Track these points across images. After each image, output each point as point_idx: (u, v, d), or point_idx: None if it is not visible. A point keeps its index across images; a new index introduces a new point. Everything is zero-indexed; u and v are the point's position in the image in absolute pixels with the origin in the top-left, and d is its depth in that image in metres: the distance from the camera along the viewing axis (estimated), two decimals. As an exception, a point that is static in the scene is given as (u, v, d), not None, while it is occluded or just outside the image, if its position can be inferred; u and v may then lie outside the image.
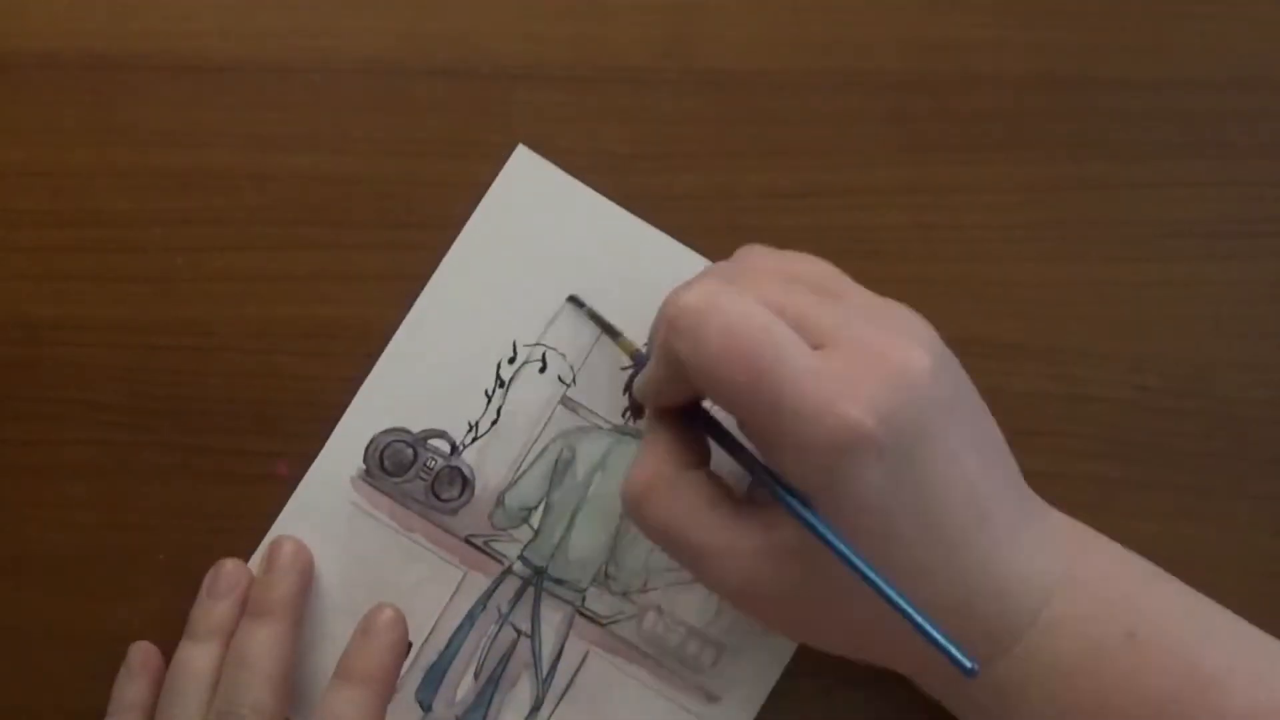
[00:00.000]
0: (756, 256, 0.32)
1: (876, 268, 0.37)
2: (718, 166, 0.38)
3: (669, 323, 0.29)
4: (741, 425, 0.31)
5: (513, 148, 0.38)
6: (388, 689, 0.35)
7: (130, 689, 0.36)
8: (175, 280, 0.38)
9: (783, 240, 0.38)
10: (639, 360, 0.36)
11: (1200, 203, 0.38)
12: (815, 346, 0.28)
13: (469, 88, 0.38)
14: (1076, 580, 0.30)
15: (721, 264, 0.33)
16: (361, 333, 0.38)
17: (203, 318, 0.38)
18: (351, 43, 0.39)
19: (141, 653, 0.36)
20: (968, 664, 0.26)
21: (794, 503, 0.28)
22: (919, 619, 0.27)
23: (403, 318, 0.38)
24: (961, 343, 0.37)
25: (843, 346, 0.28)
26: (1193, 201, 0.38)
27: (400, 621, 0.36)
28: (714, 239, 0.38)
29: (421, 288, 0.38)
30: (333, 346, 0.38)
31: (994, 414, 0.36)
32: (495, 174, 0.38)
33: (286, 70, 0.39)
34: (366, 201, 0.38)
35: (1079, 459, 0.37)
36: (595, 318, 0.37)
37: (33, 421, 0.38)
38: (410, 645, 0.37)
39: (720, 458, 0.32)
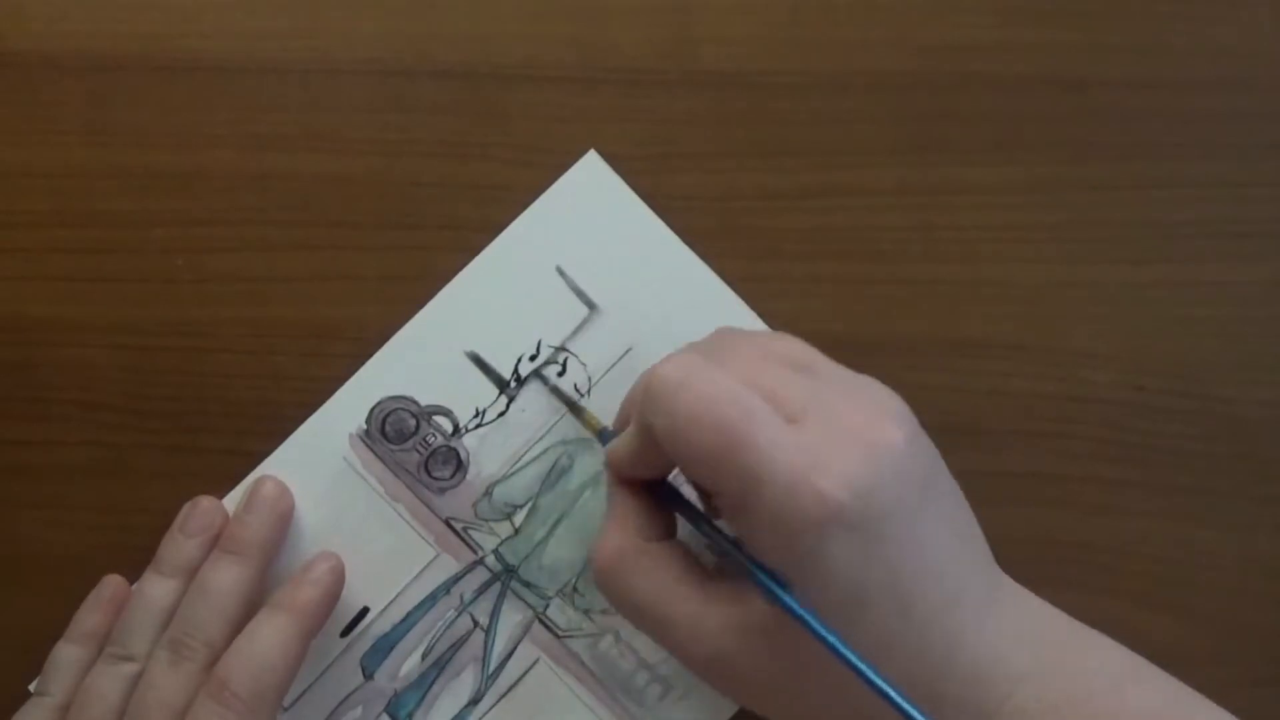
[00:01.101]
0: (732, 334, 0.33)
1: (877, 268, 0.38)
2: (718, 166, 0.38)
3: (646, 393, 0.29)
4: (712, 498, 0.30)
5: (514, 148, 0.38)
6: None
7: (92, 618, 0.36)
8: (175, 280, 0.38)
9: (782, 241, 0.38)
10: (604, 436, 0.36)
11: (1200, 203, 0.38)
12: (790, 421, 0.29)
13: (469, 88, 0.38)
14: (1046, 670, 0.30)
15: (699, 341, 0.33)
16: (361, 333, 0.38)
17: (203, 318, 0.38)
18: (351, 43, 0.39)
19: (112, 586, 0.36)
20: None
21: (767, 580, 0.28)
22: (896, 697, 0.26)
23: (402, 318, 0.38)
24: (962, 343, 0.37)
25: (817, 421, 0.28)
26: (1193, 201, 0.38)
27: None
28: (714, 239, 0.38)
29: (420, 288, 0.38)
30: (333, 346, 0.38)
31: (994, 414, 0.37)
32: (494, 174, 0.38)
33: (286, 70, 0.39)
34: (366, 201, 0.38)
35: (1079, 459, 0.37)
36: (558, 392, 0.37)
37: (32, 421, 0.38)
38: (367, 610, 0.37)
39: (687, 529, 0.32)
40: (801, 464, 0.27)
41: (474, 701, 0.37)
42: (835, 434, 0.28)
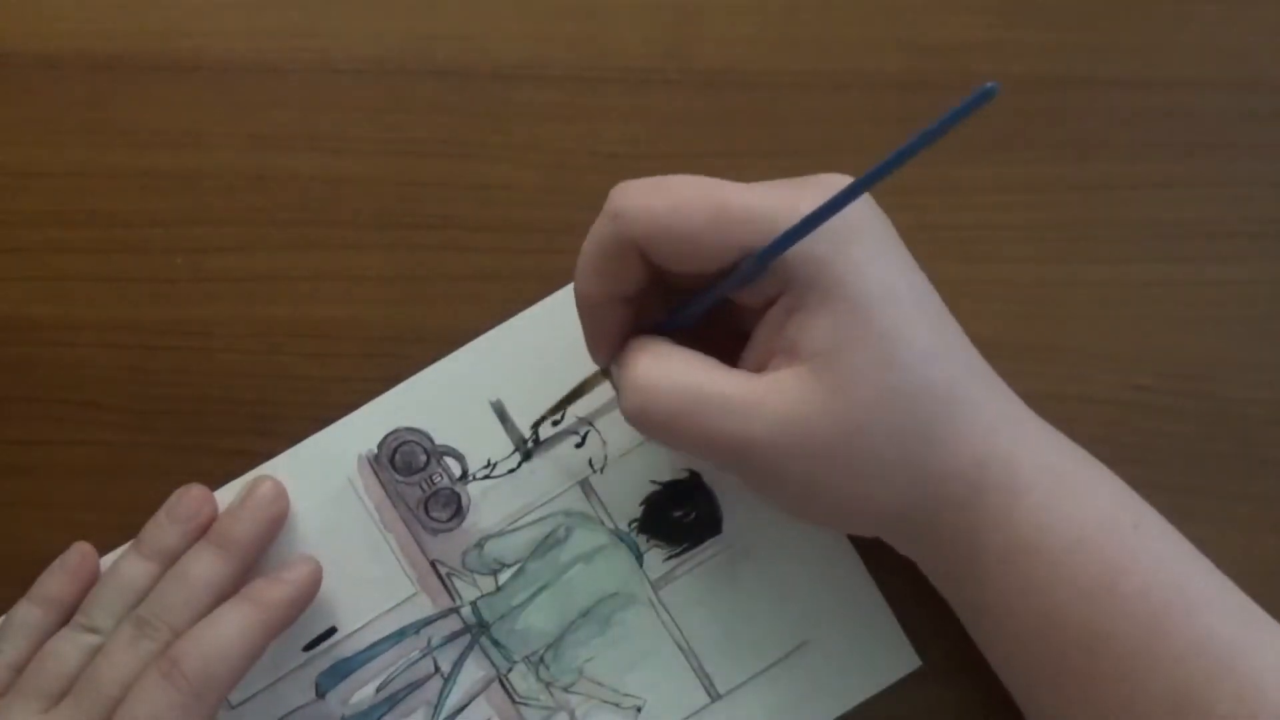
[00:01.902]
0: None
1: (876, 268, 0.37)
2: (718, 166, 0.38)
3: (622, 196, 0.30)
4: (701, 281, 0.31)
5: (514, 147, 0.38)
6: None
7: (55, 583, 0.36)
8: (175, 280, 0.38)
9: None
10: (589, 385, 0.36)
11: (1200, 203, 0.38)
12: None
13: (469, 88, 0.38)
14: (1059, 470, 0.31)
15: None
16: (361, 333, 0.38)
17: (203, 318, 0.38)
18: (351, 43, 0.39)
19: (79, 554, 0.36)
20: (990, 85, 0.26)
21: (771, 245, 0.29)
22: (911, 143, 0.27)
23: (401, 318, 0.38)
24: (961, 343, 0.37)
25: (773, 183, 0.31)
26: (1193, 201, 0.38)
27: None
28: (714, 239, 0.38)
29: (420, 288, 0.38)
30: (333, 346, 0.38)
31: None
32: (493, 174, 0.38)
33: (286, 70, 0.39)
34: (366, 201, 0.38)
35: (1079, 459, 0.37)
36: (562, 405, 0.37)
37: (32, 421, 0.38)
38: (334, 630, 0.37)
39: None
40: (779, 198, 0.29)
41: None
42: (793, 184, 0.30)
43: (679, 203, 0.30)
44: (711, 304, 0.31)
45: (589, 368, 0.37)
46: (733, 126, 0.38)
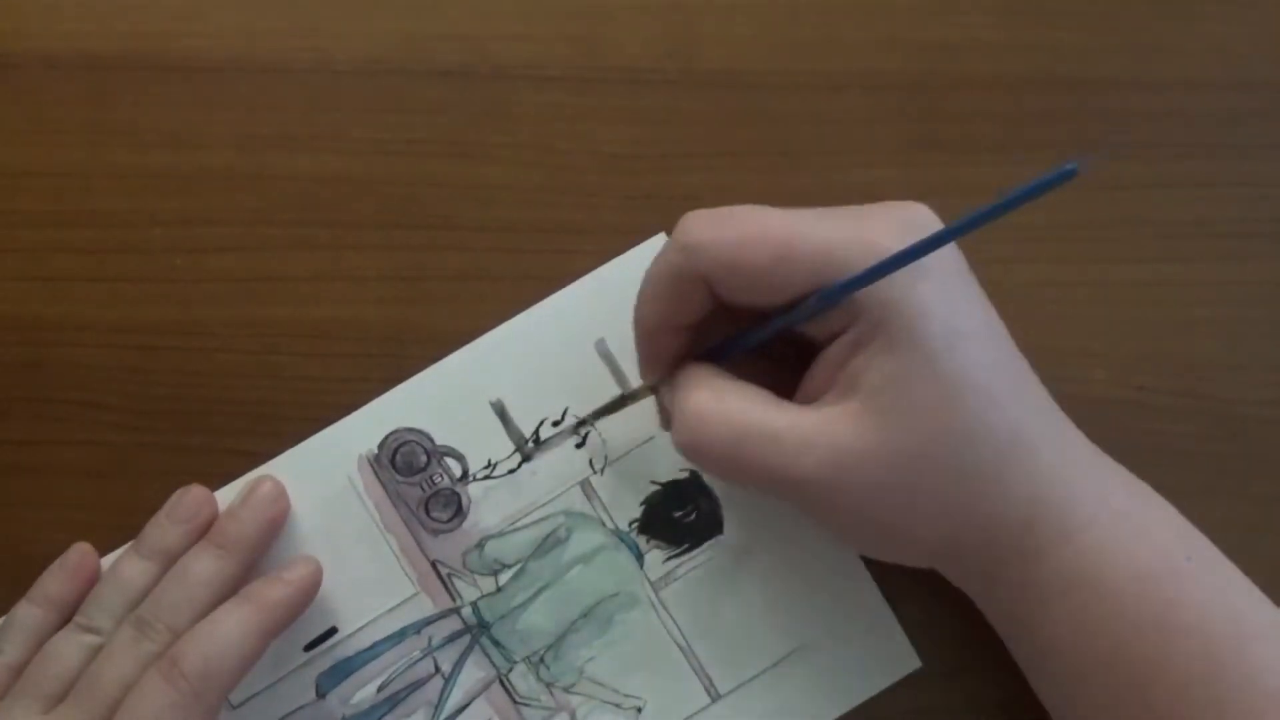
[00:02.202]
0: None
1: (876, 268, 0.37)
2: (718, 166, 0.38)
3: (687, 228, 0.31)
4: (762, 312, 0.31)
5: (514, 147, 0.38)
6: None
7: (55, 583, 0.36)
8: (175, 280, 0.38)
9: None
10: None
11: (1200, 203, 0.38)
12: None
13: (469, 88, 0.38)
14: (1116, 508, 0.31)
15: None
16: (361, 333, 0.38)
17: (203, 318, 0.38)
18: (351, 43, 0.39)
19: (79, 554, 0.36)
20: (1070, 165, 0.26)
21: (836, 288, 0.29)
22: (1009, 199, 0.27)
23: (401, 318, 0.38)
24: (961, 343, 0.37)
25: (841, 212, 0.31)
26: (1193, 201, 0.38)
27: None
28: (714, 239, 0.37)
29: (420, 288, 0.38)
30: (333, 347, 0.38)
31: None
32: (493, 174, 0.38)
33: (286, 70, 0.39)
34: (366, 201, 0.38)
35: (1079, 459, 0.37)
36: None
37: (33, 421, 0.38)
38: (335, 630, 0.37)
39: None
40: (849, 230, 0.29)
41: None
42: (869, 213, 0.31)
43: (747, 237, 0.30)
44: (773, 334, 0.31)
45: (587, 367, 0.37)
46: (733, 126, 0.38)
